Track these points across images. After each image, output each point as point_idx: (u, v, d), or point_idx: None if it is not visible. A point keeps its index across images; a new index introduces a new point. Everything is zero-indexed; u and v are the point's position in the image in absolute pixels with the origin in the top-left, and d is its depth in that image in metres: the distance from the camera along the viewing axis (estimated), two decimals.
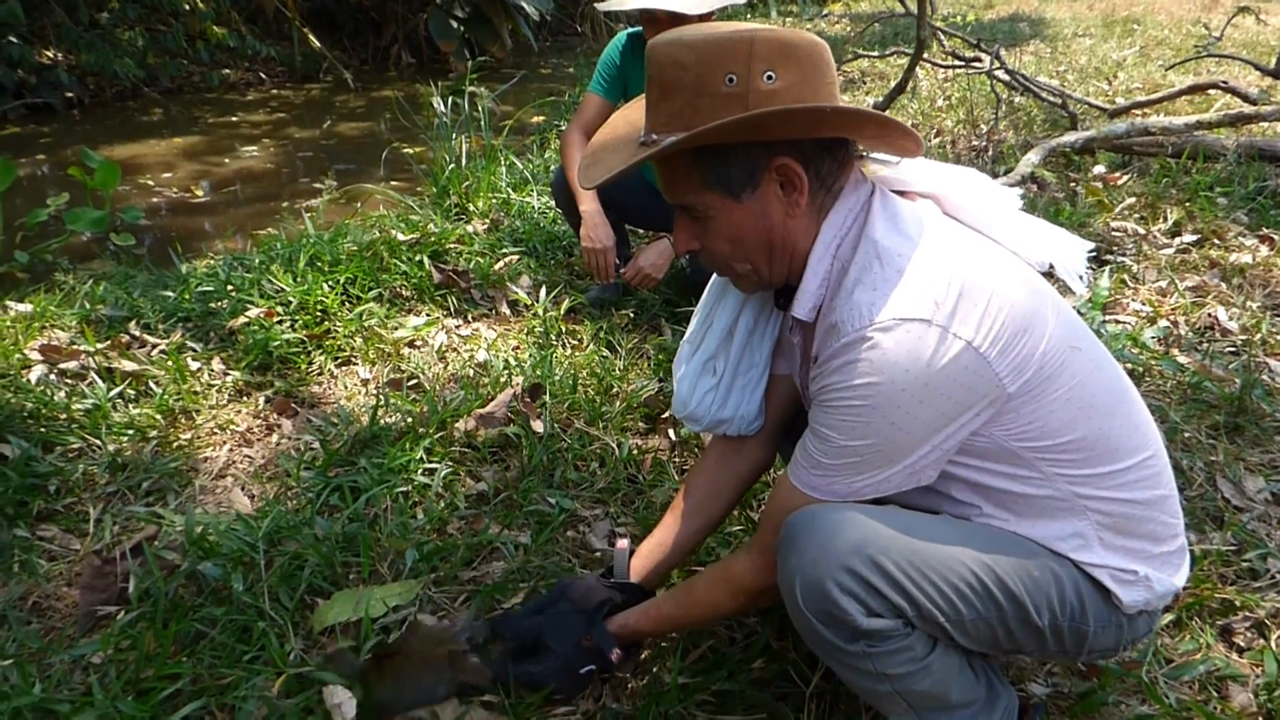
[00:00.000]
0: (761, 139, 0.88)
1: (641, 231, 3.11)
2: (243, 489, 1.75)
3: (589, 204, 2.32)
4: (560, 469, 1.75)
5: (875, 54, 6.42)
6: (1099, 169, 3.49)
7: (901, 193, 0.96)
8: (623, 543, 1.25)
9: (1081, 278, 0.98)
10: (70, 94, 6.19)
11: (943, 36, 5.69)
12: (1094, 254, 1.27)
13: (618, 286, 2.62)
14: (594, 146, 1.03)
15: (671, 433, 1.87)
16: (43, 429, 1.74)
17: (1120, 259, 2.68)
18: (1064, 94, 4.21)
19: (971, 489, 0.94)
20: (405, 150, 5.61)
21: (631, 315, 2.48)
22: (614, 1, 2.15)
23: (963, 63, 5.12)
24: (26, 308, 2.15)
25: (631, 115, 1.01)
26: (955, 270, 0.85)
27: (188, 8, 6.33)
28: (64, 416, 1.79)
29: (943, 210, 0.96)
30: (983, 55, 4.80)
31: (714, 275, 1.19)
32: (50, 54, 6.26)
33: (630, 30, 2.46)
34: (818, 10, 13.03)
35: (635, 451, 1.80)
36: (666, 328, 2.44)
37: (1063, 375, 0.87)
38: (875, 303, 0.84)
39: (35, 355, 1.93)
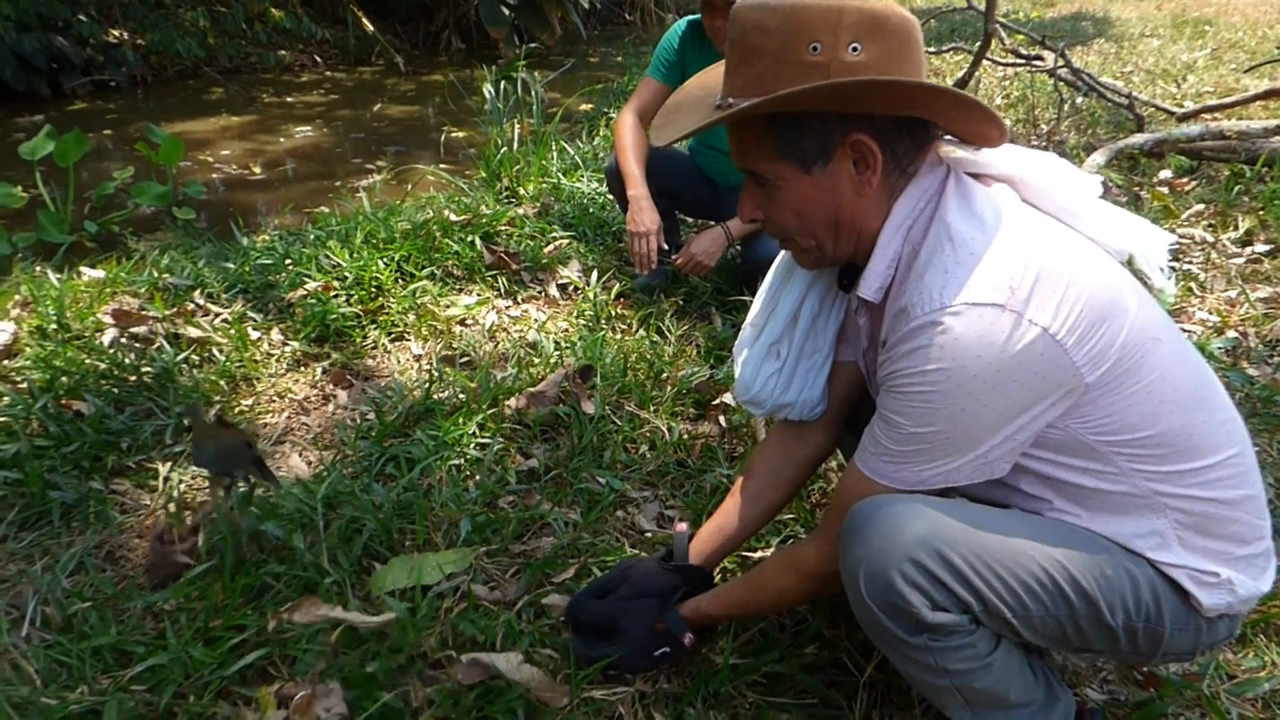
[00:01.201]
0: (839, 111, 0.86)
1: (692, 220, 3.11)
2: (300, 455, 1.79)
3: (637, 189, 2.32)
4: (610, 450, 1.77)
5: (932, 49, 6.31)
6: (1165, 174, 3.41)
7: (977, 176, 0.94)
8: (682, 526, 1.26)
9: (1163, 270, 0.95)
10: (135, 72, 6.36)
11: (1004, 33, 5.58)
12: (1173, 249, 1.23)
13: (667, 273, 2.63)
14: (669, 107, 1.02)
15: (722, 419, 1.87)
16: (115, 389, 1.80)
17: (1187, 266, 2.61)
18: (1130, 95, 4.10)
19: (1043, 482, 0.92)
20: (454, 134, 5.68)
21: (681, 302, 2.48)
22: None
23: (1024, 60, 5.01)
24: (99, 274, 2.23)
25: (708, 79, 1.00)
26: (1032, 255, 0.83)
27: None
28: (134, 378, 1.86)
29: (1020, 195, 0.94)
30: (1045, 53, 4.69)
31: (778, 258, 1.19)
32: (117, 33, 6.43)
33: (691, 18, 2.46)
34: None
35: (685, 437, 1.81)
36: (716, 316, 2.44)
37: (1143, 367, 0.85)
38: (947, 286, 0.82)
39: (108, 319, 2.00)
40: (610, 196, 3.35)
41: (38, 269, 2.24)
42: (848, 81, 0.82)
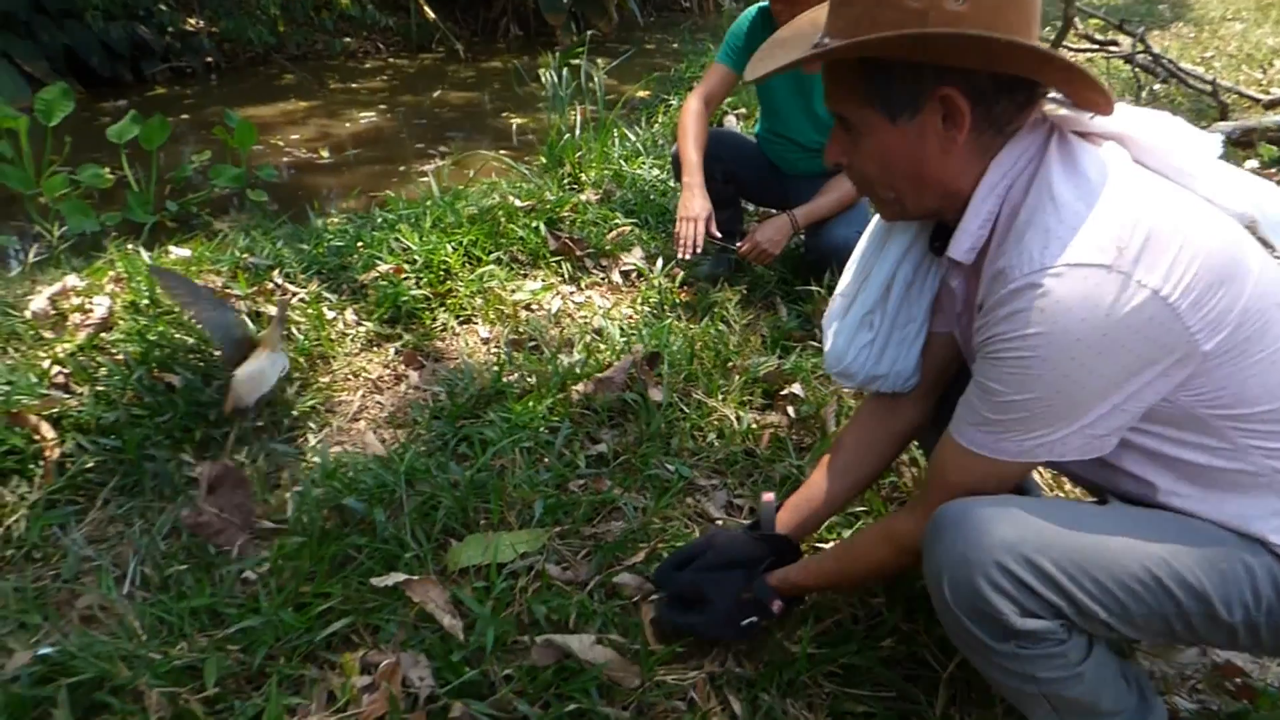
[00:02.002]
0: (932, 62, 0.82)
1: (752, 209, 3.10)
2: (374, 432, 1.84)
3: (692, 176, 2.31)
4: (677, 437, 1.78)
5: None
6: (1252, 164, 3.26)
7: (1085, 136, 0.88)
8: (769, 496, 1.26)
9: None
10: (209, 59, 6.56)
11: (1077, 18, 5.39)
12: None
13: (730, 261, 2.62)
14: (772, 42, 1.01)
15: (790, 410, 1.86)
16: (201, 363, 1.87)
17: None
18: (1214, 81, 3.93)
19: (1150, 460, 0.88)
20: (513, 120, 5.73)
21: (745, 291, 2.47)
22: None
23: (1099, 45, 4.84)
24: (185, 253, 2.31)
25: (818, 15, 0.97)
26: (1142, 213, 0.78)
27: None
28: (219, 353, 1.92)
29: (1131, 155, 0.87)
30: (1122, 38, 4.53)
31: (870, 226, 1.17)
32: (194, 21, 6.64)
33: (761, 4, 2.44)
34: None
35: (754, 426, 1.81)
36: (781, 305, 2.43)
37: (1266, 336, 0.80)
38: (1048, 246, 0.78)
39: None
40: (674, 184, 3.36)
41: (129, 247, 2.33)
42: (936, 33, 0.78)
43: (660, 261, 2.51)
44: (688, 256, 2.27)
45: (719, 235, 2.36)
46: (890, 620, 1.22)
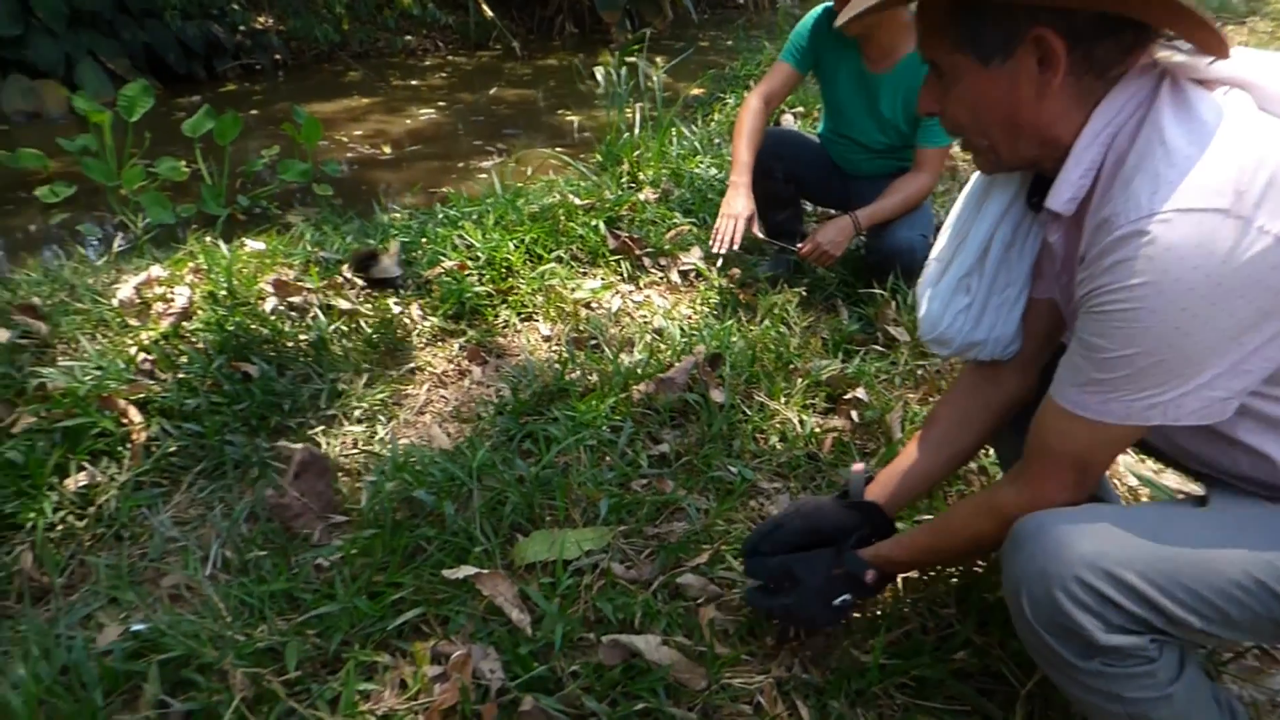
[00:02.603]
0: (1026, 2, 0.79)
1: (811, 209, 3.07)
2: (440, 426, 1.88)
3: (739, 175, 2.31)
4: (739, 439, 1.77)
5: None
6: None
7: (1202, 82, 0.82)
8: (859, 466, 1.24)
9: None
10: (277, 56, 6.75)
11: None
12: None
13: (790, 262, 2.60)
14: None
15: (854, 414, 1.85)
16: (276, 354, 1.93)
17: None
18: None
19: (1269, 430, 0.82)
20: (568, 117, 5.77)
21: (805, 293, 2.45)
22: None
23: (1165, 39, 4.65)
24: (260, 245, 2.39)
25: None
26: (1265, 157, 0.72)
27: None
28: (291, 344, 1.98)
29: (1255, 102, 0.80)
30: None
31: (967, 187, 1.12)
32: (264, 20, 6.84)
33: (827, 3, 2.41)
34: None
35: (817, 430, 1.79)
36: (843, 308, 2.40)
37: None
38: (1157, 191, 0.73)
39: (268, 288, 2.13)
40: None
41: (208, 239, 2.41)
42: None
43: (720, 262, 2.51)
44: (720, 251, 2.27)
45: (760, 234, 2.36)
46: (963, 633, 1.20)
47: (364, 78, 6.76)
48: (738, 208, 2.27)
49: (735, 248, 2.27)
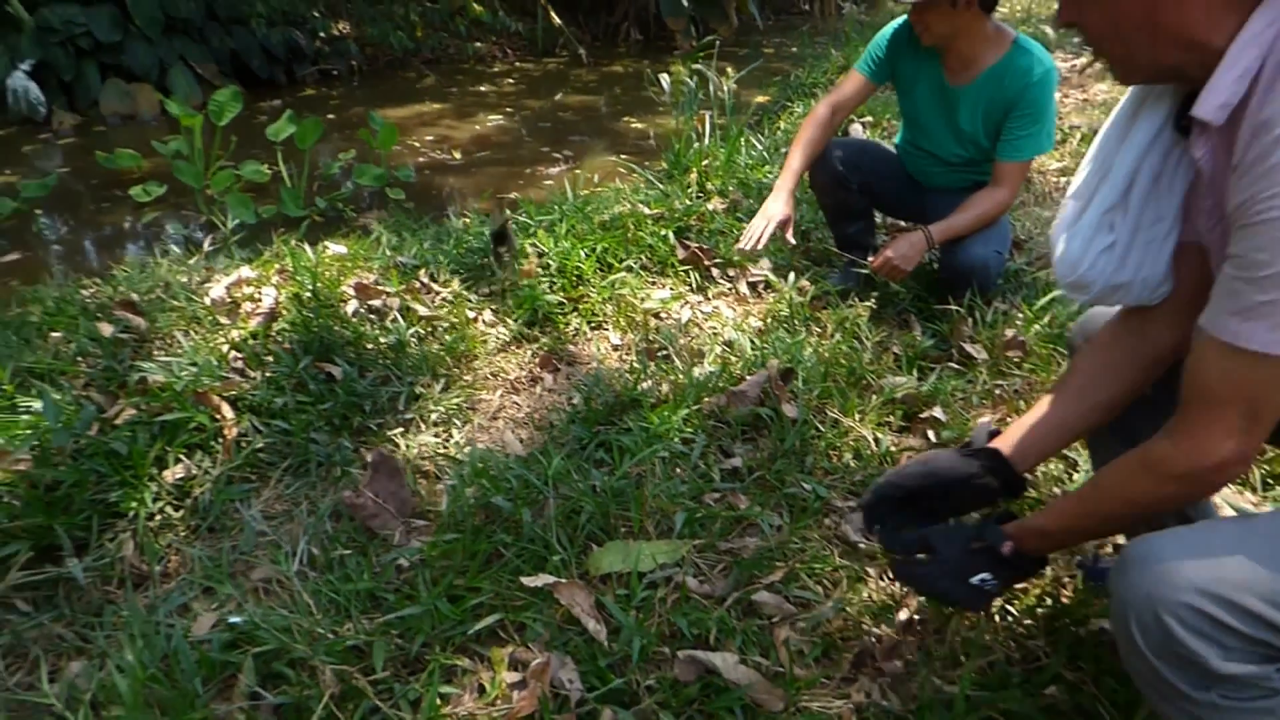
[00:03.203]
0: None
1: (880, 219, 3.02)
2: (513, 432, 1.91)
3: (784, 180, 2.34)
4: (812, 455, 1.76)
5: None
6: None
7: None
8: (985, 419, 1.20)
9: None
10: (354, 62, 6.97)
11: None
12: None
13: (860, 276, 2.57)
14: None
15: (931, 434, 1.81)
16: (356, 356, 1.99)
17: None
18: None
19: None
20: (633, 124, 5.81)
21: (876, 307, 2.42)
22: None
23: None
24: (342, 249, 2.46)
25: None
26: None
27: None
28: (372, 347, 2.04)
29: None
30: None
31: (1111, 116, 1.06)
32: (342, 27, 7.06)
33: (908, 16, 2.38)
34: None
35: (892, 448, 1.76)
36: (916, 324, 2.36)
37: None
38: None
39: (350, 292, 2.20)
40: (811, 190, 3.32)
41: (293, 242, 2.50)
42: None
43: (792, 276, 2.49)
44: (744, 248, 2.29)
45: (791, 241, 2.37)
46: (1053, 666, 1.16)
47: (435, 83, 6.92)
48: (773, 210, 2.29)
49: (760, 248, 2.29)
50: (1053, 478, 1.65)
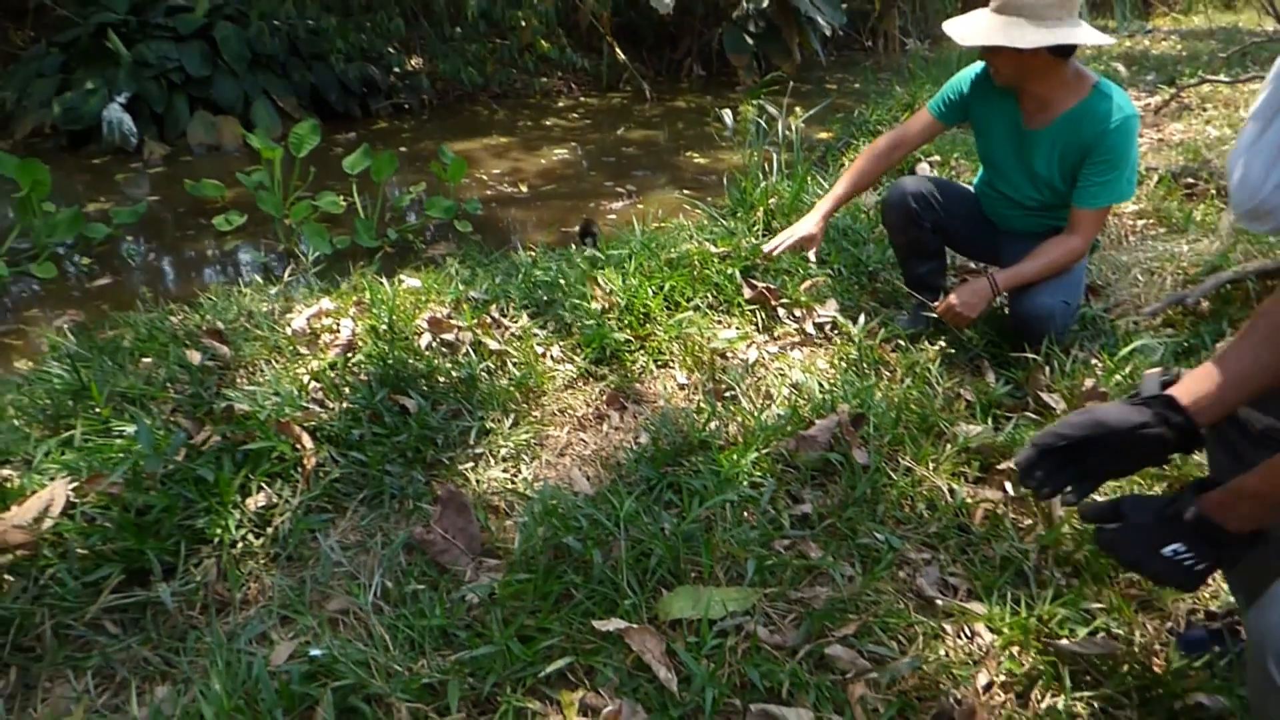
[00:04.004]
0: None
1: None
2: (580, 469, 1.91)
3: (822, 202, 2.50)
4: (884, 504, 1.72)
5: (1225, 79, 5.59)
6: None
7: None
8: (1153, 371, 1.11)
9: None
10: (425, 96, 7.21)
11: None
12: None
13: (928, 319, 2.52)
14: None
15: (1008, 486, 1.76)
16: (429, 389, 2.03)
17: None
18: None
19: None
20: (696, 159, 5.85)
21: (948, 351, 2.37)
22: (955, 36, 2.08)
23: None
24: (416, 283, 2.52)
25: None
26: None
27: (523, 24, 7.07)
28: (444, 380, 2.08)
29: None
30: None
31: None
32: (415, 62, 7.32)
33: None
34: (1140, 26, 11.64)
35: (968, 500, 1.72)
36: (989, 370, 2.30)
37: None
38: None
39: (424, 325, 2.25)
40: (868, 233, 3.30)
41: (370, 275, 2.57)
42: None
43: (862, 318, 2.46)
44: (766, 250, 2.49)
45: (812, 260, 2.58)
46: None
47: (502, 117, 7.11)
48: (801, 228, 2.46)
49: (776, 255, 2.50)
50: None
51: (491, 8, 6.89)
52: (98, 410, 1.81)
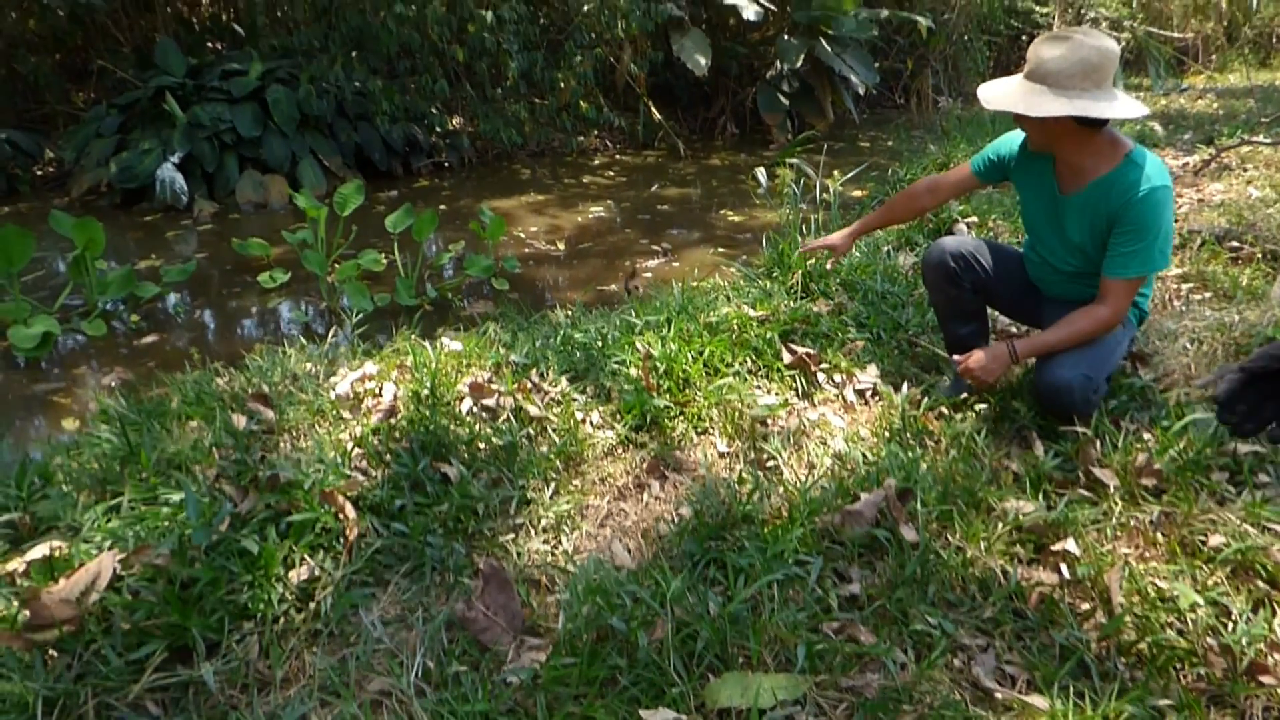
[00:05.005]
0: None
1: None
2: (620, 541, 1.89)
3: (854, 224, 2.70)
4: (934, 585, 1.67)
5: (1266, 140, 5.54)
6: None
7: None
8: None
9: None
10: (465, 155, 7.41)
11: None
12: None
13: (969, 386, 2.48)
14: None
15: (1064, 568, 1.70)
16: (470, 457, 2.03)
17: None
18: None
19: None
20: (731, 218, 5.91)
21: (992, 419, 2.32)
22: (982, 99, 2.10)
23: None
24: (457, 345, 2.55)
25: None
26: None
27: (562, 85, 7.26)
28: (485, 447, 2.08)
29: None
30: None
31: None
32: (457, 122, 7.54)
33: None
34: (1175, 84, 11.64)
35: (1023, 583, 1.66)
36: (1038, 441, 2.25)
37: None
38: None
39: (465, 390, 2.26)
40: (908, 294, 3.28)
41: (414, 337, 2.60)
42: None
43: (905, 387, 2.43)
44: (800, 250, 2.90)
45: (830, 266, 2.98)
46: None
47: (539, 176, 7.26)
48: (830, 239, 2.69)
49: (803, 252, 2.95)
50: None
51: (532, 69, 7.09)
52: (145, 476, 1.83)
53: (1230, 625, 1.52)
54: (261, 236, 4.59)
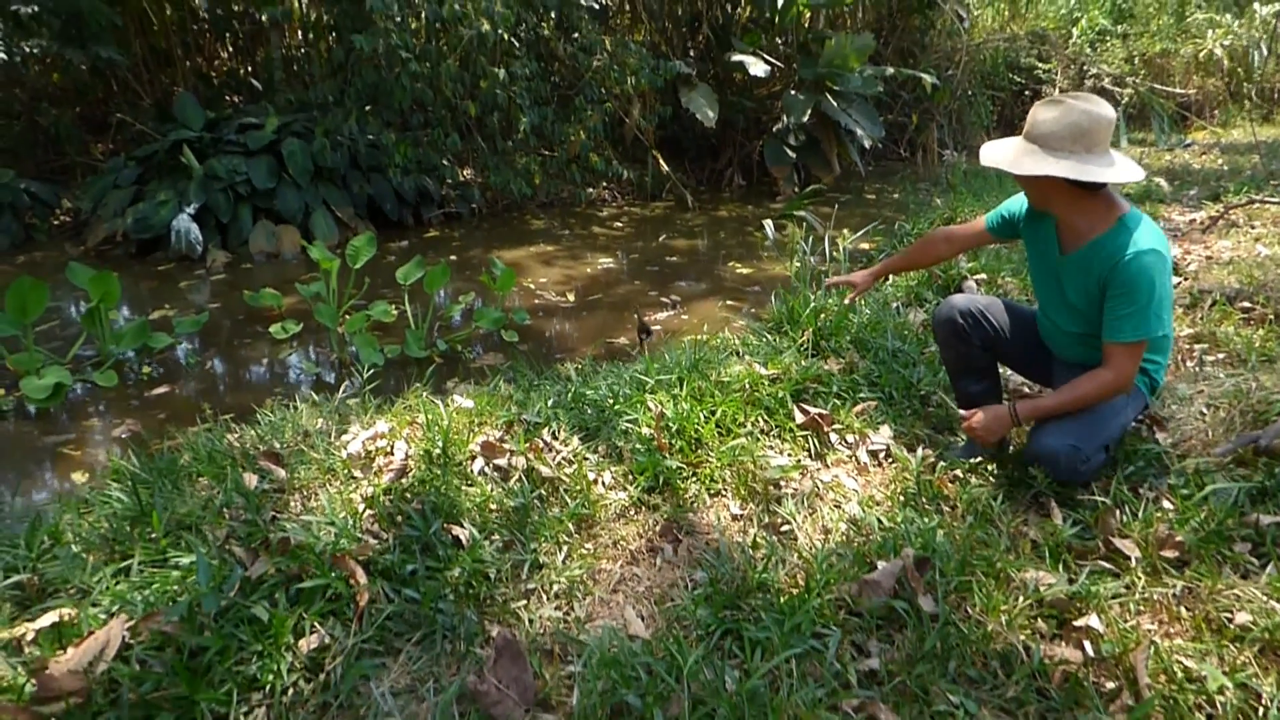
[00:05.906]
0: None
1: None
2: (634, 607, 1.86)
3: (876, 265, 2.81)
4: (955, 660, 1.63)
5: (1274, 200, 5.59)
6: None
7: None
8: None
9: None
10: (475, 206, 7.51)
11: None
12: None
13: (982, 449, 2.46)
14: None
15: (1087, 645, 1.66)
16: (482, 518, 2.01)
17: None
18: None
19: None
20: (739, 270, 5.95)
21: (1006, 486, 2.29)
22: (981, 155, 2.16)
23: None
24: (469, 403, 2.54)
25: None
26: None
27: (572, 138, 7.39)
28: (496, 509, 2.06)
29: None
30: None
31: None
32: (468, 174, 7.67)
33: None
34: (1179, 140, 11.80)
35: (1047, 661, 1.62)
36: (1056, 509, 2.22)
37: None
38: None
39: (476, 449, 2.25)
40: (917, 352, 3.27)
41: (425, 394, 2.60)
42: None
43: (920, 450, 2.41)
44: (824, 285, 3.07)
45: (847, 301, 2.99)
46: None
47: (548, 226, 7.35)
48: (854, 276, 2.80)
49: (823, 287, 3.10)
50: None
51: (542, 123, 7.23)
52: (155, 537, 1.81)
53: (1260, 711, 1.48)
54: (274, 286, 4.64)
